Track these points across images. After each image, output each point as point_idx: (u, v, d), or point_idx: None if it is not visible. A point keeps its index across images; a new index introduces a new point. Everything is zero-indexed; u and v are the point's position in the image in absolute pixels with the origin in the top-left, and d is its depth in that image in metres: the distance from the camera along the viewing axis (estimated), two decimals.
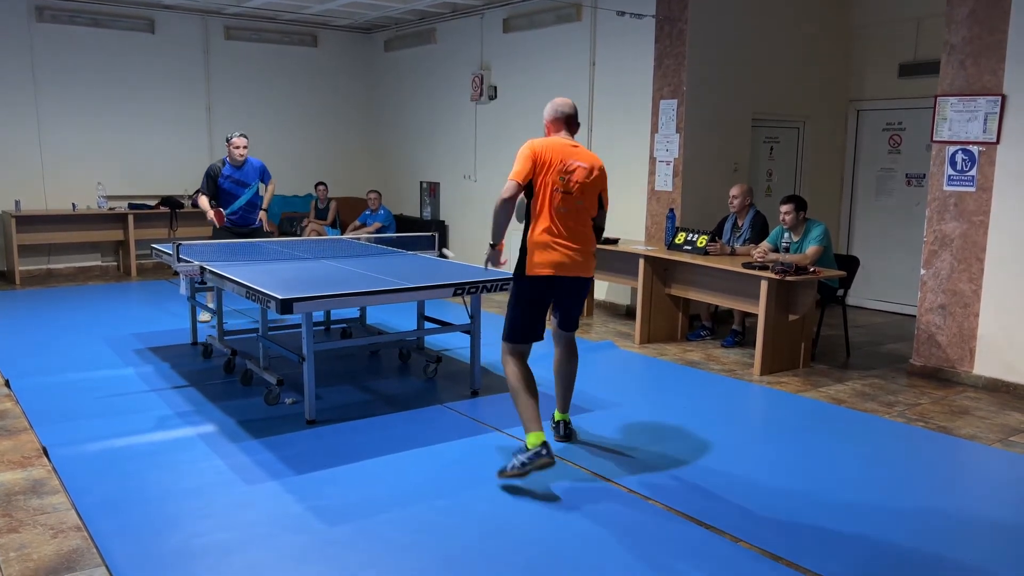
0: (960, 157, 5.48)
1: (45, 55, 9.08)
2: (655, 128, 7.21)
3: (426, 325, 5.67)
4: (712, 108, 7.12)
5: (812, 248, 5.87)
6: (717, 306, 6.72)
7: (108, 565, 2.92)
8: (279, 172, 10.62)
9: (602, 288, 8.00)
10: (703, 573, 2.94)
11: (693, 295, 6.40)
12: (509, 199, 3.70)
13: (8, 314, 7.20)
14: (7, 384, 5.10)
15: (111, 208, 9.41)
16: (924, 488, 3.78)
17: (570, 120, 3.92)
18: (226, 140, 6.75)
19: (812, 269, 5.64)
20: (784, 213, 6.03)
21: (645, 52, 7.26)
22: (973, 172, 5.42)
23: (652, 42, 7.16)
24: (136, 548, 3.04)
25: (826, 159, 8.23)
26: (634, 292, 7.34)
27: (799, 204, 6.03)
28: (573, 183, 3.76)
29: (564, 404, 4.23)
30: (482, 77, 9.14)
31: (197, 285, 5.42)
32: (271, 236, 7.02)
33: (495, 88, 9.10)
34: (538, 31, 8.49)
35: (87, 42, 9.29)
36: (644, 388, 5.46)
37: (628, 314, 7.65)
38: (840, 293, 6.30)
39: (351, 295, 4.42)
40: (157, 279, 9.29)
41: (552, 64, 8.32)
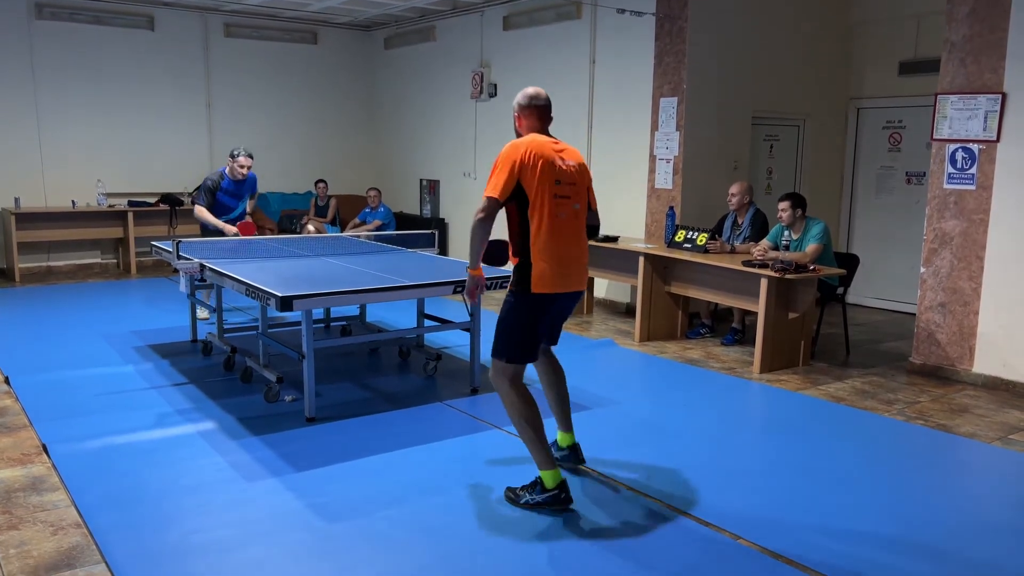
0: (960, 155, 5.48)
1: (45, 52, 9.07)
2: (655, 126, 7.21)
3: (426, 323, 5.67)
4: (712, 106, 7.11)
5: (812, 246, 5.87)
6: (717, 304, 6.72)
7: (108, 562, 2.92)
8: (279, 170, 10.67)
9: (602, 286, 8.00)
10: (703, 570, 2.95)
11: (693, 293, 6.40)
12: (486, 219, 3.35)
13: (8, 311, 7.21)
14: (7, 381, 5.10)
15: (111, 205, 9.41)
16: (923, 486, 3.79)
17: (544, 112, 3.54)
18: (231, 155, 6.63)
19: (812, 267, 5.64)
20: (781, 210, 6.03)
21: (645, 50, 7.26)
22: (973, 170, 5.41)
23: (652, 40, 7.16)
24: (136, 545, 3.05)
25: (826, 157, 8.22)
26: (634, 290, 7.34)
27: (796, 201, 6.03)
28: (568, 185, 3.44)
29: (568, 423, 3.85)
30: (482, 75, 9.13)
31: (197, 282, 5.43)
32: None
33: (495, 86, 9.10)
34: (538, 28, 8.48)
35: (87, 39, 9.29)
36: (644, 386, 5.47)
37: (628, 312, 7.65)
38: (840, 291, 6.30)
39: (351, 293, 4.42)
40: (157, 276, 9.29)
41: (552, 62, 8.32)
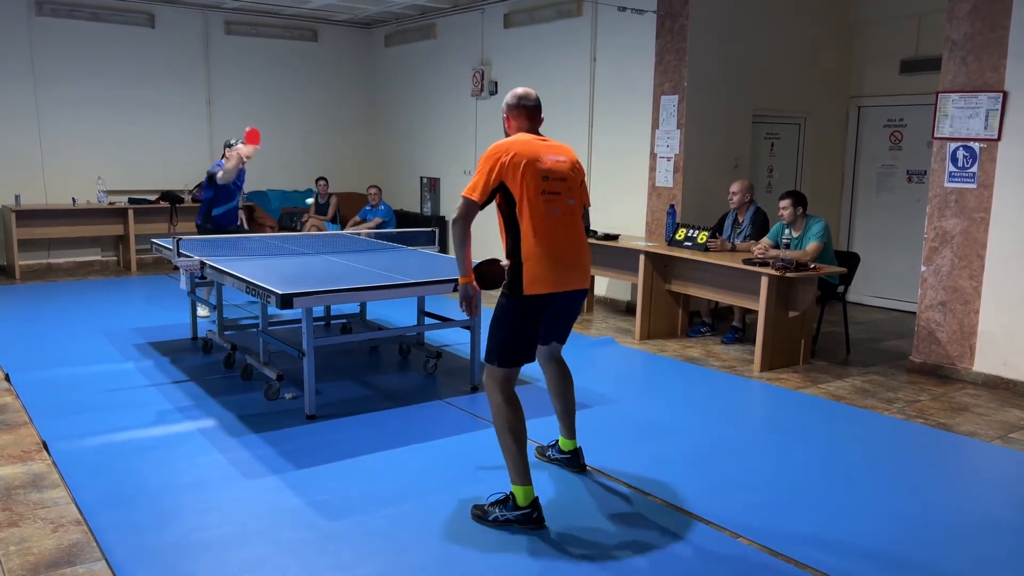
0: (961, 154, 5.47)
1: (45, 49, 9.07)
2: (656, 124, 7.20)
3: (426, 321, 5.67)
4: (713, 104, 7.11)
5: (812, 244, 5.87)
6: (717, 302, 6.72)
7: (108, 559, 2.93)
8: (279, 167, 10.66)
9: (602, 284, 8.00)
10: (702, 569, 2.95)
11: (693, 291, 6.40)
12: (460, 218, 3.21)
13: (8, 309, 7.21)
14: (7, 378, 5.10)
15: (111, 203, 9.41)
16: (923, 485, 3.79)
17: (534, 112, 3.43)
18: (227, 145, 6.63)
19: (812, 265, 5.64)
20: (782, 208, 6.02)
21: (646, 48, 7.25)
22: (974, 169, 5.41)
23: (653, 38, 7.15)
24: (136, 542, 3.05)
25: (827, 155, 8.22)
26: (634, 288, 7.34)
27: (797, 199, 6.03)
28: (558, 181, 3.31)
29: (571, 429, 3.79)
30: (483, 72, 9.13)
31: (197, 280, 5.42)
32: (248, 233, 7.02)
33: (495, 83, 9.09)
34: (539, 26, 8.48)
35: (87, 36, 9.28)
36: (644, 384, 5.46)
37: (628, 310, 7.65)
38: (840, 290, 6.30)
39: (351, 290, 4.42)
40: (157, 274, 9.28)
41: (553, 59, 8.31)
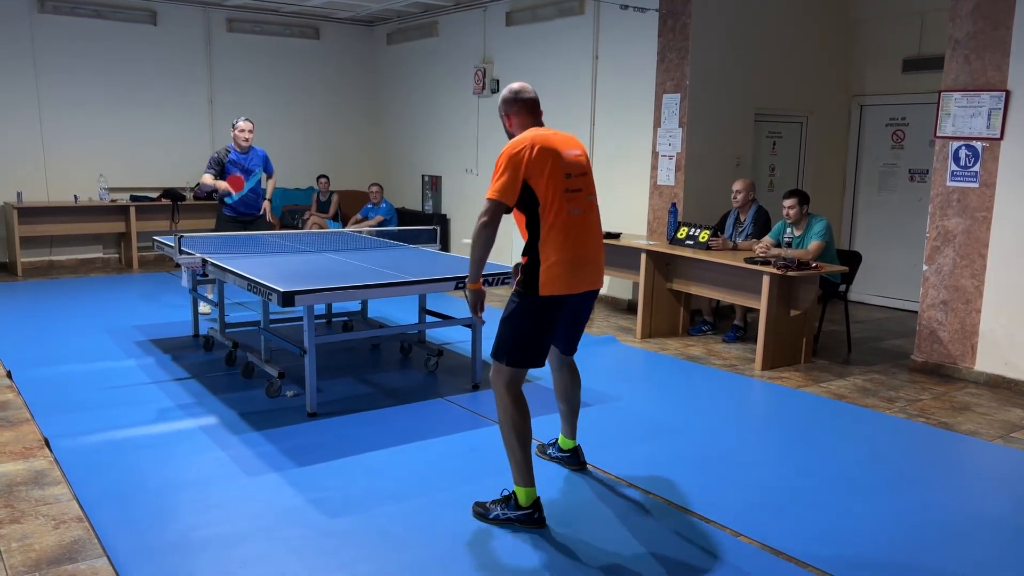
0: (963, 153, 5.47)
1: (47, 46, 9.07)
2: (658, 122, 7.20)
3: (427, 319, 5.67)
4: (715, 103, 7.10)
5: (814, 243, 5.87)
6: (719, 301, 6.72)
7: (109, 556, 2.93)
8: (281, 165, 10.62)
9: (604, 282, 7.98)
10: (706, 568, 2.95)
11: (695, 290, 6.39)
12: (490, 222, 3.06)
13: (10, 306, 7.21)
14: (9, 375, 5.11)
15: (113, 200, 9.42)
16: (924, 484, 3.79)
17: (534, 106, 3.32)
18: (232, 125, 6.80)
19: (814, 264, 5.64)
20: (788, 207, 6.02)
21: (648, 46, 7.24)
22: (976, 168, 5.40)
23: (655, 36, 7.14)
24: (137, 539, 3.05)
25: (829, 154, 8.21)
26: (636, 287, 7.33)
27: (802, 198, 6.03)
28: (578, 177, 3.20)
29: (573, 430, 3.82)
30: (484, 70, 9.12)
31: (199, 277, 5.42)
32: (272, 227, 7.03)
33: (497, 81, 9.08)
34: (541, 24, 8.47)
35: (89, 33, 9.28)
36: (645, 383, 5.46)
37: (630, 309, 7.65)
38: (842, 288, 6.30)
39: (353, 288, 4.43)
40: (159, 271, 9.29)
41: (555, 58, 8.30)
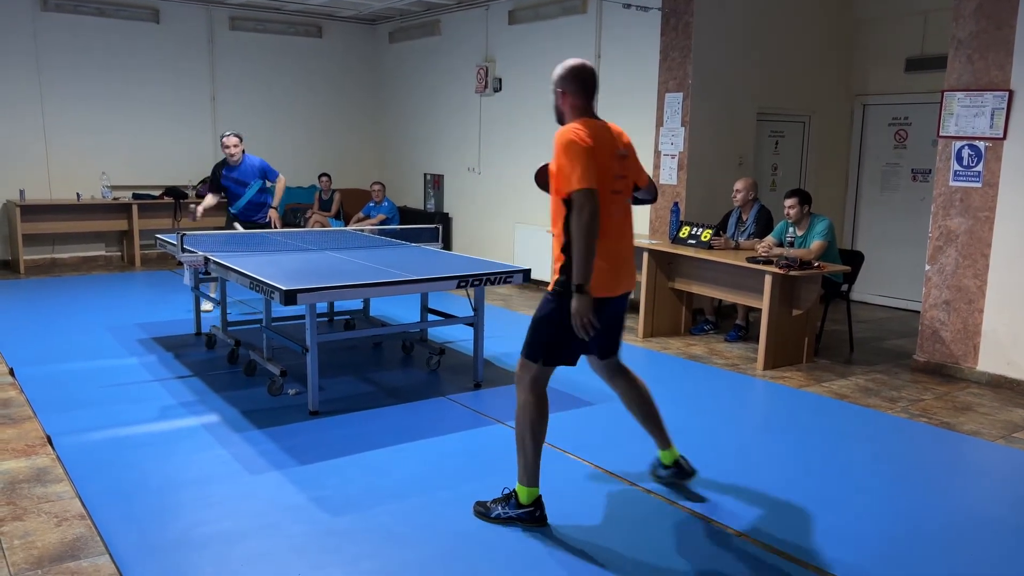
0: (966, 153, 5.46)
1: (50, 44, 9.07)
2: (660, 121, 7.19)
3: (429, 317, 5.67)
4: (717, 102, 7.09)
5: (816, 243, 5.86)
6: (721, 300, 6.71)
7: (112, 553, 2.94)
8: (283, 163, 10.60)
9: None
10: (707, 567, 2.95)
11: (697, 289, 6.39)
12: (595, 210, 2.90)
13: (13, 303, 7.22)
14: (11, 373, 5.12)
15: (115, 198, 9.42)
16: (926, 484, 3.78)
17: (593, 89, 3.19)
18: (222, 137, 6.74)
19: (816, 264, 5.63)
20: (788, 207, 6.01)
21: (650, 45, 7.23)
22: (979, 168, 5.39)
23: (658, 35, 7.13)
24: (139, 537, 3.06)
25: (831, 154, 8.20)
26: (638, 286, 7.33)
27: (803, 198, 6.02)
28: (622, 179, 3.13)
29: (665, 439, 3.59)
30: (487, 69, 9.12)
31: (201, 275, 5.43)
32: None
33: (500, 80, 9.08)
34: (543, 23, 8.46)
35: (92, 31, 9.28)
36: (647, 382, 5.44)
37: (631, 308, 7.63)
38: (844, 288, 6.29)
39: (355, 287, 4.43)
40: (161, 269, 9.30)
41: (557, 56, 8.17)
